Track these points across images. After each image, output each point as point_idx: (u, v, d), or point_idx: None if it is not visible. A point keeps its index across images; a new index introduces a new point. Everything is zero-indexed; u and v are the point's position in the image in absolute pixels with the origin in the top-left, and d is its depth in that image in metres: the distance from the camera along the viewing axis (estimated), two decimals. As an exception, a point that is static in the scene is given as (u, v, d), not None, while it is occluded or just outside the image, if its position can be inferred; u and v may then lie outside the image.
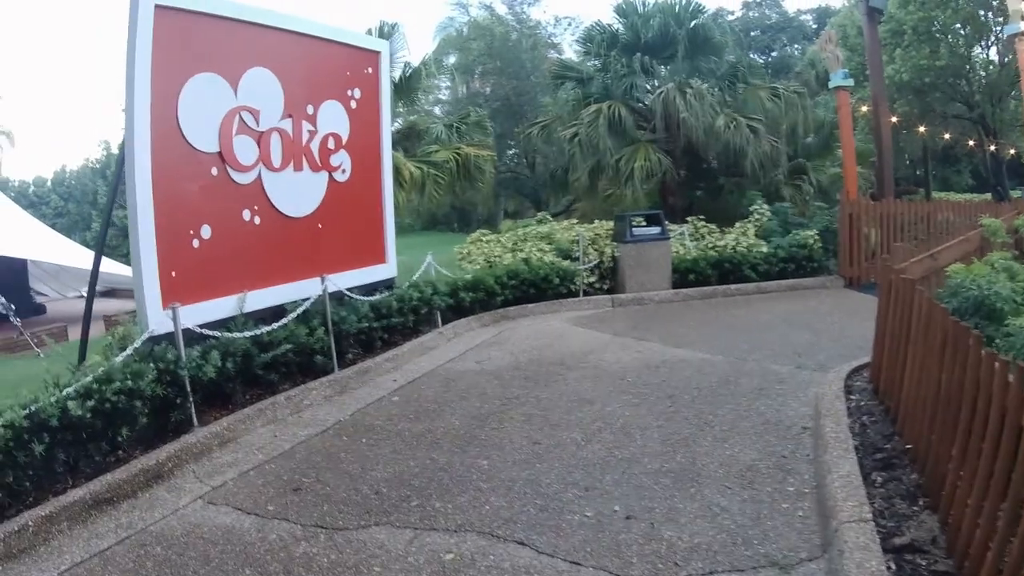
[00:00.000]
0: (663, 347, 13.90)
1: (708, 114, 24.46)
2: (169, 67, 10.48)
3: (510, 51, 42.60)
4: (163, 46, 10.30)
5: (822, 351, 12.96)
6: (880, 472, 7.04)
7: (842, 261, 21.07)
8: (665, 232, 20.34)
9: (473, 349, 14.65)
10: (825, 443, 7.73)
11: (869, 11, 23.65)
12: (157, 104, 10.28)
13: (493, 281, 17.50)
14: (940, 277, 10.57)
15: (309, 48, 13.28)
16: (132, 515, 7.61)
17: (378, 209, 15.20)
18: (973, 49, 37.75)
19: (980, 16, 35.36)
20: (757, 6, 70.90)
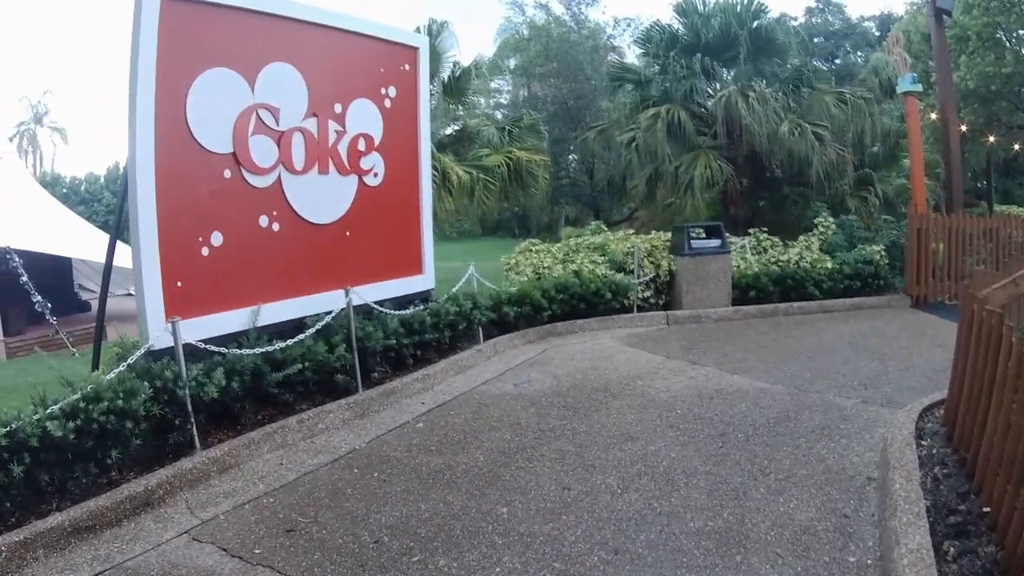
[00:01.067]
0: (718, 373, 12.86)
1: (771, 119, 23.37)
2: (177, 62, 9.90)
3: (567, 53, 41.34)
4: (171, 40, 9.75)
5: (889, 382, 11.90)
6: (953, 541, 6.00)
7: (909, 279, 19.96)
8: (725, 245, 19.28)
9: (513, 369, 13.71)
10: (893, 504, 6.58)
11: (936, 12, 22.64)
12: (163, 102, 9.67)
13: (540, 295, 16.42)
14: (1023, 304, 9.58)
15: (337, 42, 12.46)
16: (112, 546, 7.13)
17: (415, 216, 14.30)
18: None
19: None
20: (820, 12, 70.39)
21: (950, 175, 22.62)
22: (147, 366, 9.03)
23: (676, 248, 19.19)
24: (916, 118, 22.18)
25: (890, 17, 62.19)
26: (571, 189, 41.28)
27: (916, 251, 19.68)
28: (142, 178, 9.40)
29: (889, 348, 14.43)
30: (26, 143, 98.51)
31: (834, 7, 71.05)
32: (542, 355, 14.76)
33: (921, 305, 19.56)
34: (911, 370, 12.60)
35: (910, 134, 22.34)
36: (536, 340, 16.07)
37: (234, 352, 9.84)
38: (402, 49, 13.93)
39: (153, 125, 9.48)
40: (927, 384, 11.28)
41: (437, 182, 20.16)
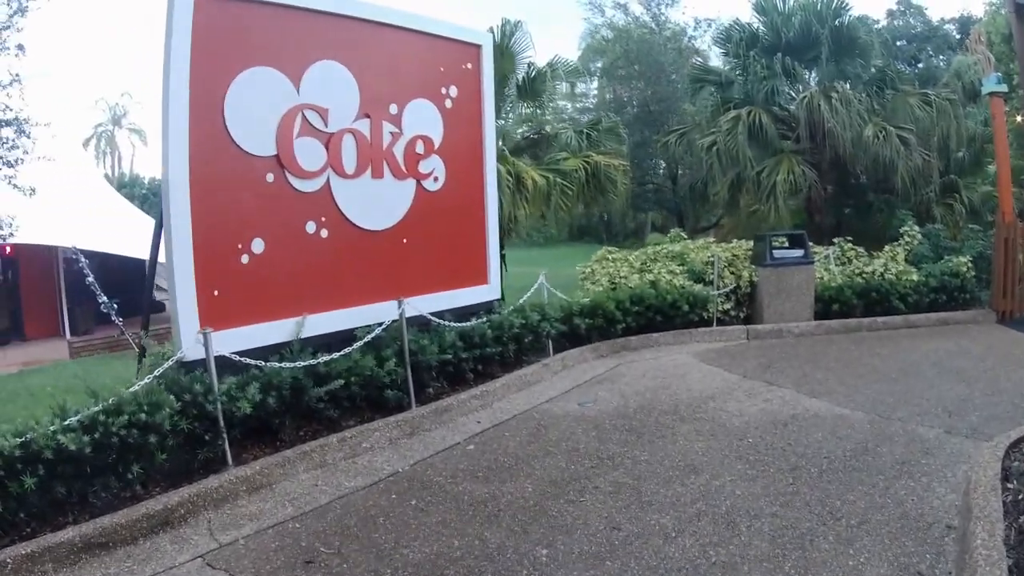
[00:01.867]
0: (796, 395, 12.13)
1: (855, 123, 22.54)
2: (214, 61, 9.61)
3: (648, 55, 40.67)
4: (207, 38, 9.48)
5: (975, 409, 11.03)
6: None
7: (995, 292, 18.95)
8: (809, 255, 18.50)
9: (580, 386, 13.06)
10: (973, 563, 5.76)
11: (1016, 8, 21.14)
12: (199, 102, 9.41)
13: (614, 306, 15.74)
14: None
15: (392, 40, 12.06)
16: (123, 565, 6.88)
17: (479, 222, 13.79)
18: None
19: None
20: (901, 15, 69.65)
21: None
22: (176, 378, 8.69)
23: (757, 258, 18.46)
24: (1002, 120, 21.08)
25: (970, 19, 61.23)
26: (655, 195, 40.77)
27: (1003, 262, 18.70)
28: (175, 183, 9.16)
29: (975, 370, 13.51)
30: (104, 144, 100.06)
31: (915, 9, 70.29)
32: (613, 371, 14.11)
33: (1008, 321, 18.48)
34: (998, 395, 11.72)
35: (996, 137, 21.16)
36: (608, 354, 15.42)
37: (270, 366, 9.42)
38: (463, 47, 13.44)
39: (187, 127, 9.24)
40: (1015, 412, 10.55)
41: (511, 187, 19.64)
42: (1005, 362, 14.04)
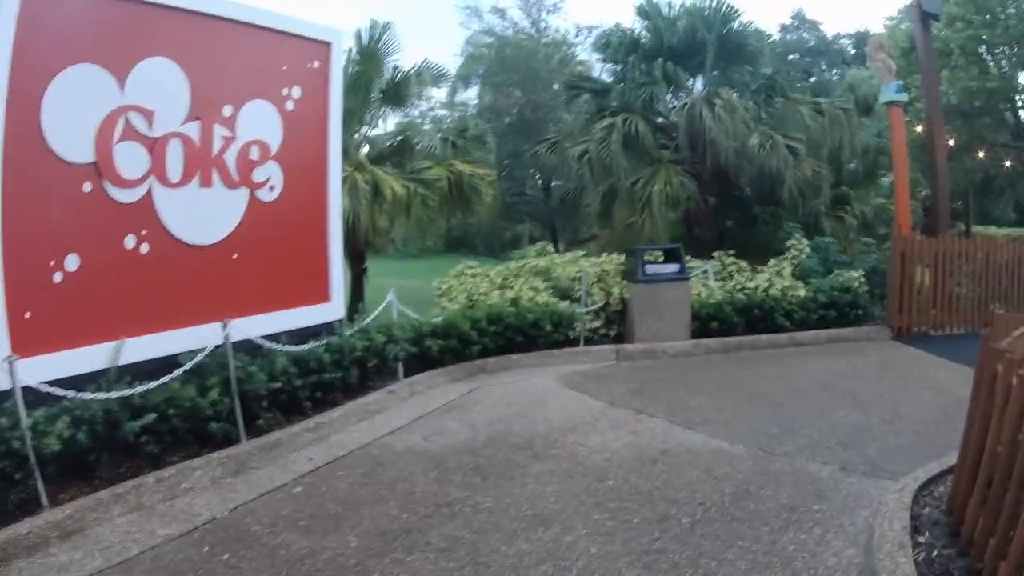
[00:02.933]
0: (668, 427, 11.21)
1: (740, 131, 22.00)
2: (37, 57, 8.76)
3: (525, 62, 40.58)
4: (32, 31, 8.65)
5: (873, 439, 10.43)
6: None
7: (891, 308, 18.67)
8: (685, 270, 17.77)
9: (428, 416, 12.13)
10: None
11: (923, 17, 21.80)
12: (16, 104, 8.54)
13: (469, 326, 14.82)
14: None
15: (230, 35, 11.25)
16: None
17: (320, 236, 13.01)
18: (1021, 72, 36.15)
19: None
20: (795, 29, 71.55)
21: (936, 193, 21.74)
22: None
23: (629, 273, 17.71)
24: (901, 130, 21.12)
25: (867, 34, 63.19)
26: (528, 206, 40.60)
27: (900, 277, 18.50)
28: (-17, 195, 8.27)
29: (871, 392, 13.03)
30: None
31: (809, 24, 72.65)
32: (466, 398, 13.23)
33: (904, 337, 18.33)
34: (898, 422, 11.21)
35: (894, 148, 21.23)
36: (463, 378, 14.48)
37: (79, 397, 8.55)
38: (310, 44, 12.76)
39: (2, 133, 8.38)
40: (918, 442, 10.04)
41: (368, 197, 19.06)
42: (904, 383, 13.74)
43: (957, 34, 32.72)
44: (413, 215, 21.02)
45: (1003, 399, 5.75)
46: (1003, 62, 34.37)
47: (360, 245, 20.84)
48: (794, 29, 71.23)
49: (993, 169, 41.94)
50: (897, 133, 20.89)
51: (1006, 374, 5.72)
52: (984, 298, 19.09)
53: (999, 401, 5.83)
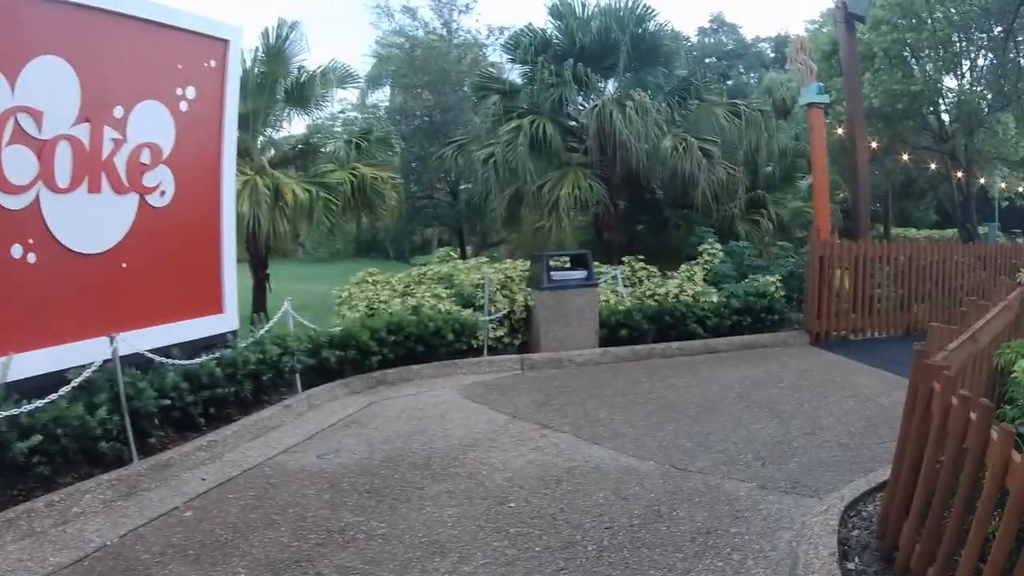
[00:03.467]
0: (574, 442, 10.58)
1: (652, 133, 21.34)
2: None
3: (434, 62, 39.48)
4: None
5: (794, 453, 9.79)
6: None
7: (809, 313, 18.27)
8: (592, 276, 17.22)
9: (325, 431, 11.49)
10: None
11: (847, 19, 21.43)
12: None
13: (367, 336, 14.17)
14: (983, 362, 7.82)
15: (124, 32, 10.62)
16: None
17: (213, 243, 12.43)
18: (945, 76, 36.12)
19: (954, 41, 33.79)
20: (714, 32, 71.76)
21: (856, 196, 21.44)
22: None
23: (534, 280, 17.05)
24: (821, 132, 20.61)
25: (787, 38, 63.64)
26: (436, 210, 40.01)
27: (818, 281, 18.07)
28: None
29: (790, 402, 12.47)
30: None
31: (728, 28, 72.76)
32: (364, 412, 12.59)
33: (823, 342, 17.97)
34: (820, 435, 10.61)
35: (814, 150, 20.73)
36: (362, 390, 13.89)
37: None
38: (207, 42, 12.15)
39: None
40: (843, 456, 9.50)
41: (268, 201, 18.40)
42: (824, 391, 13.19)
43: (881, 37, 32.58)
44: (315, 219, 20.52)
45: (941, 419, 5.25)
46: (928, 65, 34.32)
47: (261, 251, 20.46)
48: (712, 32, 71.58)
49: (915, 172, 42.00)
50: (817, 135, 20.43)
51: (944, 393, 5.23)
52: (906, 301, 19.00)
53: (937, 421, 5.34)
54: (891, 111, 33.55)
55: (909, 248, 19.67)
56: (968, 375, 7.16)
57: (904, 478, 5.81)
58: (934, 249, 19.74)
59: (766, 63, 64.51)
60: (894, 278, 18.85)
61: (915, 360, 6.11)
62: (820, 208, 19.89)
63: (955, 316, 18.11)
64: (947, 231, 45.15)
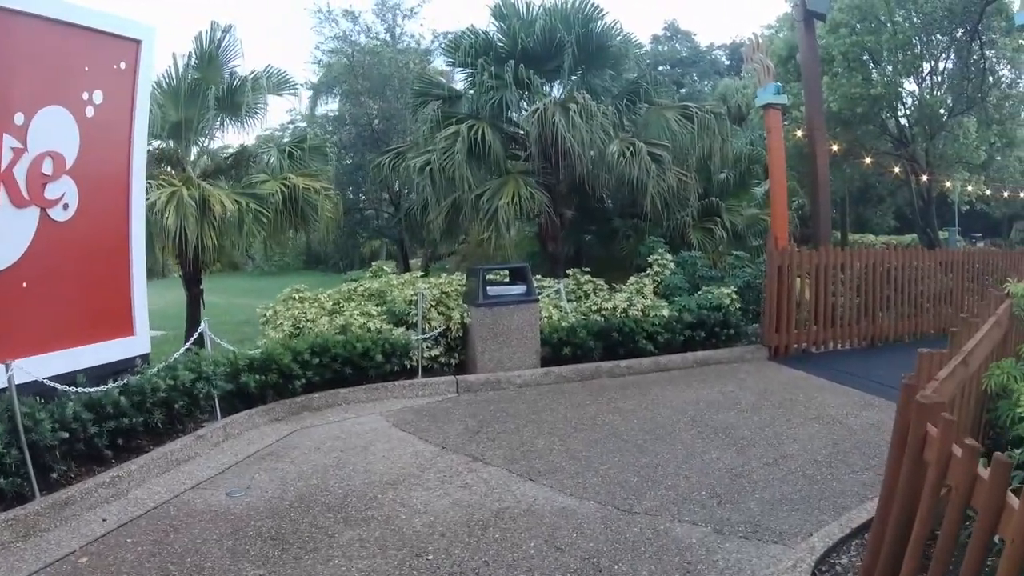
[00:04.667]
0: (506, 477, 9.64)
1: (599, 138, 20.43)
2: None
3: (374, 68, 39.05)
4: None
5: (754, 488, 8.87)
6: None
7: (767, 326, 17.42)
8: (532, 291, 16.25)
9: (240, 464, 10.62)
10: None
11: (806, 17, 20.90)
12: None
13: (290, 358, 13.25)
14: (972, 386, 6.92)
15: (26, 31, 10.11)
16: None
17: (122, 260, 11.76)
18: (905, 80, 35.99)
19: (915, 43, 33.69)
20: (668, 40, 72.30)
21: (816, 201, 20.68)
22: None
23: (470, 296, 16.08)
24: (779, 134, 19.76)
25: (742, 45, 63.73)
26: (378, 222, 39.80)
27: (776, 292, 17.28)
28: None
29: (748, 427, 11.57)
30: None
31: (682, 35, 73.75)
32: (284, 441, 11.68)
33: (782, 357, 17.19)
34: (783, 465, 9.75)
35: (771, 153, 19.87)
36: (285, 417, 12.98)
37: None
38: (117, 42, 11.47)
39: None
40: (810, 490, 8.64)
41: (194, 214, 17.58)
42: (786, 413, 12.36)
43: (840, 40, 32.42)
44: (245, 232, 19.58)
45: (938, 473, 4.28)
46: (888, 68, 34.10)
47: (189, 266, 19.72)
48: (666, 40, 72.53)
49: (873, 177, 42.03)
50: (775, 137, 19.57)
51: (943, 440, 4.28)
52: (870, 311, 18.42)
53: (932, 476, 4.40)
54: (850, 115, 33.38)
55: (872, 255, 18.97)
56: (958, 403, 6.22)
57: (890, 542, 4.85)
58: (898, 255, 19.19)
59: (720, 70, 65.70)
60: (857, 287, 18.27)
61: (903, 396, 5.09)
62: (778, 214, 19.09)
63: (920, 324, 18.06)
64: (905, 236, 46.00)
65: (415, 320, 15.25)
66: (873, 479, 8.78)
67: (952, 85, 33.78)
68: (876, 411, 12.15)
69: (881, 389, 13.47)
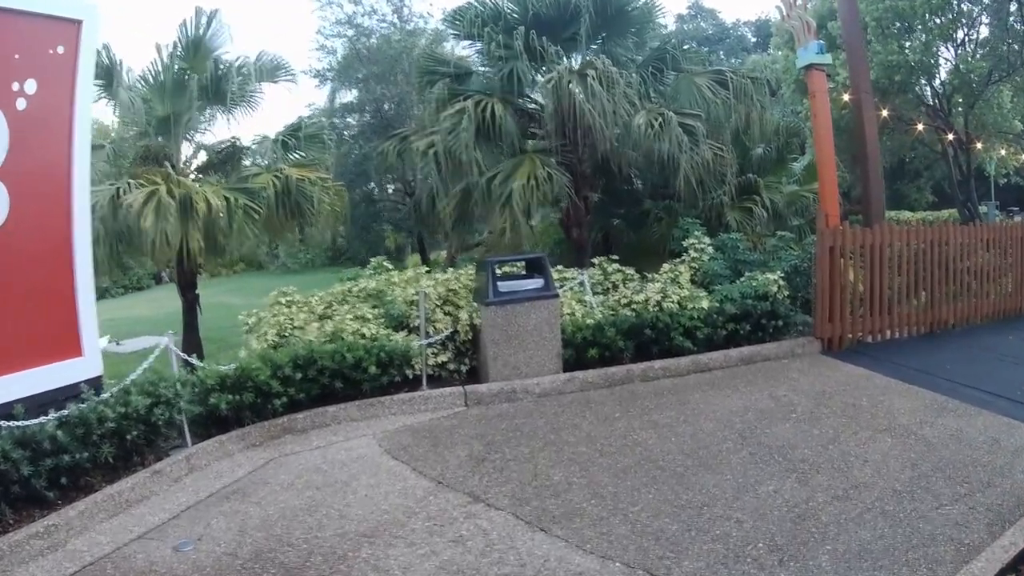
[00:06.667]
0: (512, 527, 7.87)
1: (622, 110, 18.64)
2: None
3: (382, 51, 38.28)
4: None
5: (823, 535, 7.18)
6: None
7: (819, 315, 15.64)
8: (551, 285, 14.21)
9: (199, 505, 9.17)
10: None
11: None
12: None
13: (268, 374, 11.56)
14: None
15: None
16: None
17: (64, 272, 10.48)
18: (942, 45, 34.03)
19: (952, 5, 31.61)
20: (692, 19, 73.50)
21: (867, 174, 18.46)
22: None
23: (479, 293, 14.33)
24: (824, 99, 17.70)
25: (768, 22, 64.94)
26: (392, 213, 39.24)
27: (829, 277, 15.59)
28: None
29: (808, 444, 9.88)
30: None
31: (707, 13, 75.55)
32: (255, 475, 10.11)
33: (836, 351, 15.39)
34: (855, 497, 8.07)
35: (816, 120, 17.88)
36: (263, 443, 11.37)
37: None
38: (52, 24, 10.31)
39: None
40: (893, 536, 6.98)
41: (174, 215, 16.62)
42: (850, 423, 10.65)
43: (872, 6, 30.67)
44: (235, 230, 18.73)
45: None
46: (923, 36, 32.36)
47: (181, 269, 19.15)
48: (691, 19, 74.12)
49: (910, 150, 41.26)
50: (820, 102, 17.58)
51: None
52: (930, 295, 16.86)
53: None
54: (887, 84, 31.71)
55: (932, 233, 17.25)
56: None
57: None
58: (960, 233, 17.58)
59: (748, 47, 67.07)
60: (914, 269, 16.69)
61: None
62: (827, 188, 17.28)
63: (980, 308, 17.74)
64: (943, 212, 45.29)
65: (417, 323, 13.71)
66: (966, 515, 7.36)
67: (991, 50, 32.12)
68: (953, 417, 10.64)
69: (953, 388, 12.06)
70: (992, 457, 8.93)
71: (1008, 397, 11.40)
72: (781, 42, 36.62)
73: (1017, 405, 11.01)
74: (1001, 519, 7.24)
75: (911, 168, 47.47)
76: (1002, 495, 7.82)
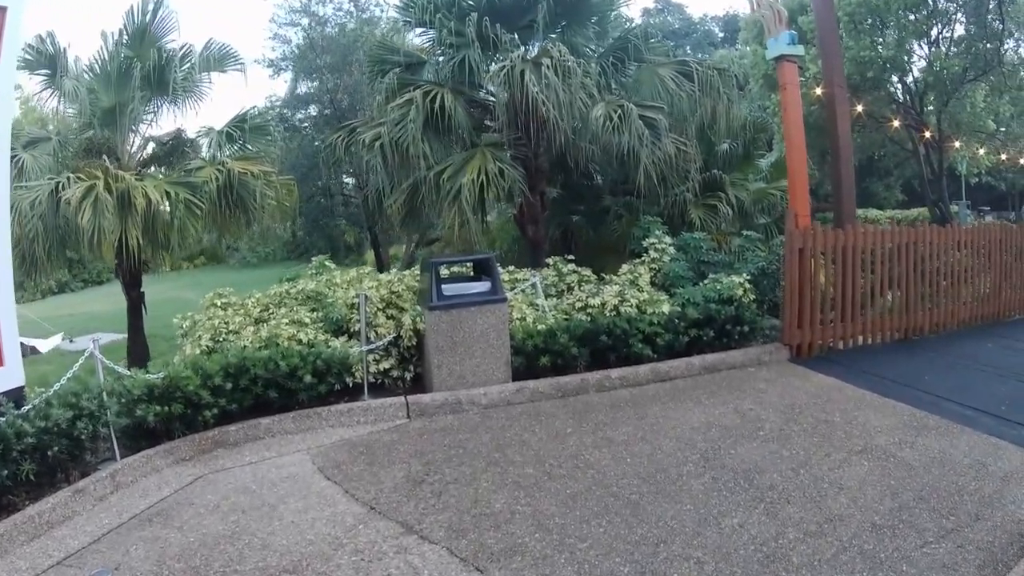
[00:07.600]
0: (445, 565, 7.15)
1: (579, 101, 17.88)
2: None
3: (336, 41, 38.01)
4: None
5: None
6: None
7: (788, 321, 15.07)
8: (498, 288, 13.50)
9: (119, 530, 8.58)
10: None
11: None
12: None
13: (198, 383, 11.00)
14: None
15: None
16: None
17: None
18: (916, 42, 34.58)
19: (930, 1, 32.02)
20: (659, 12, 74.00)
21: (838, 172, 18.08)
22: None
23: (423, 296, 13.63)
24: (796, 92, 17.00)
25: (736, 17, 65.44)
26: (344, 209, 38.98)
27: (798, 280, 15.02)
28: None
29: (777, 467, 9.17)
30: None
31: (674, 7, 77.52)
32: (181, 494, 9.51)
33: (805, 357, 14.94)
34: (830, 533, 7.38)
35: (786, 114, 17.11)
36: (193, 457, 10.80)
37: None
38: None
39: None
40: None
41: (111, 210, 16.14)
42: (822, 443, 9.98)
43: (844, 0, 30.88)
44: (177, 226, 18.29)
45: None
46: (896, 32, 32.62)
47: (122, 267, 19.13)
48: (657, 12, 74.96)
49: (879, 148, 41.32)
50: (790, 94, 16.91)
51: None
52: (904, 299, 16.35)
53: None
54: (859, 80, 31.90)
55: (907, 235, 16.73)
56: None
57: None
58: (936, 235, 17.00)
59: (715, 42, 68.83)
60: (888, 272, 16.17)
61: None
62: (797, 186, 16.59)
63: (957, 314, 17.26)
64: (912, 211, 46.14)
65: (358, 327, 13.06)
66: (954, 555, 6.74)
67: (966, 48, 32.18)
68: (935, 436, 9.99)
69: (934, 402, 11.49)
70: (980, 484, 8.32)
71: (992, 413, 10.85)
72: (750, 36, 36.60)
73: (1002, 422, 10.45)
74: (994, 560, 6.61)
75: (881, 166, 47.58)
76: (993, 530, 7.18)
